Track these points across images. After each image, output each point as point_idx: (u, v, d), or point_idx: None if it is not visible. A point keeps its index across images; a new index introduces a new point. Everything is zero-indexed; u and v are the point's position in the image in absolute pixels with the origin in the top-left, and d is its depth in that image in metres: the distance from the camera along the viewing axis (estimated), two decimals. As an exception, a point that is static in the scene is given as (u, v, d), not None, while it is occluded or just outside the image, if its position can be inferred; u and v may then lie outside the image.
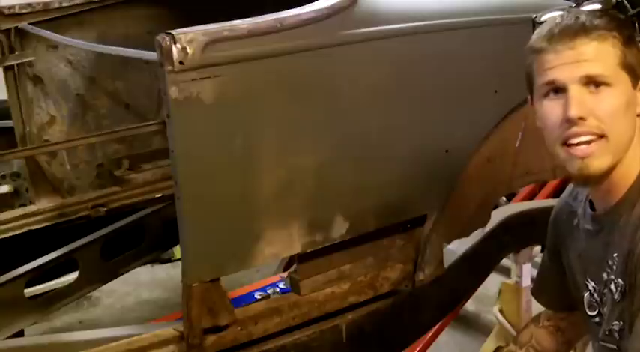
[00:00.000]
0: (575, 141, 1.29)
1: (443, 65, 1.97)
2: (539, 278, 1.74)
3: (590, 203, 1.44)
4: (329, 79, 1.78)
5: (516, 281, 2.69)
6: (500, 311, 2.74)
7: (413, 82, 1.93)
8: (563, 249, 1.55)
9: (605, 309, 1.40)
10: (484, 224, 2.26)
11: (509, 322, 2.70)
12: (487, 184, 2.17)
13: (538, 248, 2.69)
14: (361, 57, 1.82)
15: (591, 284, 1.44)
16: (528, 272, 2.68)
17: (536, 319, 1.72)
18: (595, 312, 1.44)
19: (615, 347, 1.36)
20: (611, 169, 1.32)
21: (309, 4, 1.75)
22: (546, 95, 1.33)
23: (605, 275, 1.38)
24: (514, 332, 2.67)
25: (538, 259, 2.92)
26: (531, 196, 3.43)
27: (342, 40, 1.77)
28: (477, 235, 2.28)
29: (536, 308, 2.75)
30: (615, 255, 1.35)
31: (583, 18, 1.30)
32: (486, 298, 3.11)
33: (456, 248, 2.27)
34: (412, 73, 1.93)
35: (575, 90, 1.29)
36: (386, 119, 1.89)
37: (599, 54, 1.28)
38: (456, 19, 1.99)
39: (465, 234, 2.22)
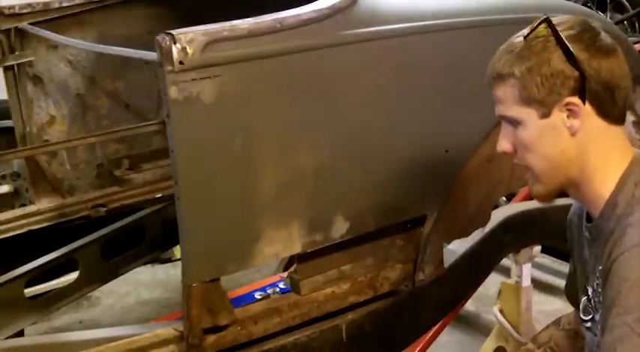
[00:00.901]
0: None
1: (443, 65, 1.97)
2: (568, 277, 1.73)
3: (587, 213, 1.46)
4: (329, 79, 1.78)
5: (516, 281, 2.69)
6: (501, 311, 2.73)
7: (413, 82, 1.93)
8: (574, 250, 1.56)
9: (597, 317, 1.40)
10: (484, 224, 2.26)
11: (509, 322, 2.70)
12: (487, 184, 2.17)
13: (538, 248, 2.69)
14: (361, 57, 1.82)
15: (590, 290, 1.44)
16: (528, 272, 2.68)
17: (557, 321, 1.73)
18: (589, 317, 1.45)
19: None
20: (551, 195, 1.41)
21: (309, 4, 1.75)
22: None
23: (595, 285, 1.40)
24: (514, 332, 2.68)
25: (538, 259, 2.92)
26: (531, 196, 3.43)
27: (342, 40, 1.77)
28: (477, 235, 2.28)
29: (536, 308, 2.77)
30: (600, 268, 1.36)
31: (500, 54, 1.38)
32: (486, 298, 3.11)
33: (456, 248, 2.27)
34: (412, 73, 1.93)
35: (502, 127, 1.41)
36: (386, 119, 1.89)
37: (502, 96, 1.37)
38: (456, 19, 1.99)
39: (465, 234, 2.22)
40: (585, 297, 1.47)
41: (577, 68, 1.30)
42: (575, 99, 1.32)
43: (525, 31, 1.36)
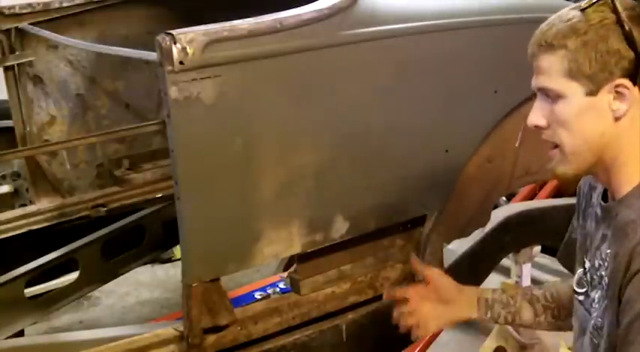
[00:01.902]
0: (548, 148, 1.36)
1: (443, 65, 1.97)
2: (564, 244, 1.71)
3: (605, 191, 1.44)
4: (329, 79, 1.78)
5: (516, 281, 2.70)
6: (501, 311, 2.73)
7: (413, 82, 1.93)
8: (578, 219, 1.56)
9: (593, 293, 1.41)
10: (484, 224, 2.26)
11: (509, 322, 2.70)
12: (487, 184, 2.17)
13: (538, 248, 2.70)
14: (361, 57, 1.82)
15: (587, 264, 1.44)
16: (528, 272, 2.69)
17: (565, 279, 1.71)
18: (582, 290, 1.45)
19: (597, 342, 1.36)
20: (578, 176, 1.37)
21: (309, 4, 1.75)
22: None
23: (597, 263, 1.39)
24: (514, 332, 2.68)
25: (538, 259, 2.93)
26: (531, 196, 3.43)
27: (342, 40, 1.77)
28: (476, 235, 2.29)
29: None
30: (608, 251, 1.35)
31: (548, 26, 1.33)
32: (486, 298, 3.10)
33: (456, 248, 2.27)
34: (412, 73, 1.93)
35: (538, 100, 1.36)
36: (386, 119, 1.89)
37: (548, 66, 1.32)
38: (456, 19, 1.99)
39: (465, 234, 2.22)
40: (582, 269, 1.46)
41: (634, 49, 1.27)
42: (627, 82, 1.29)
43: (583, 3, 1.31)
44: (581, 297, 1.46)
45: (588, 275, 1.44)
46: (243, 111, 1.64)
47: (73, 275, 2.70)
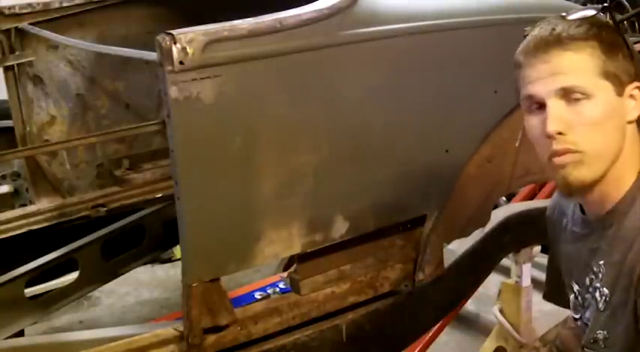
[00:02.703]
0: (557, 155, 1.29)
1: (443, 65, 1.97)
2: (549, 278, 1.70)
3: (581, 206, 1.42)
4: (329, 79, 1.78)
5: (516, 281, 2.69)
6: (501, 311, 2.73)
7: (413, 82, 1.93)
8: (556, 247, 1.55)
9: (587, 314, 1.40)
10: (484, 224, 2.26)
11: (509, 322, 2.70)
12: (487, 184, 2.17)
13: (538, 248, 2.69)
14: (361, 57, 1.82)
15: (575, 287, 1.44)
16: (528, 272, 2.68)
17: (564, 321, 1.71)
18: (578, 315, 1.45)
19: None
20: (596, 181, 1.30)
21: (309, 4, 1.75)
22: (529, 110, 1.32)
23: (588, 281, 1.38)
24: (514, 332, 2.68)
25: (538, 259, 2.92)
26: (531, 196, 3.43)
27: (342, 40, 1.77)
28: (476, 235, 2.28)
29: (536, 308, 2.77)
30: (602, 262, 1.34)
31: (559, 28, 1.28)
32: (486, 298, 3.11)
33: (456, 248, 2.27)
34: (412, 72, 1.93)
35: (553, 105, 1.27)
36: (386, 119, 1.89)
37: (574, 65, 1.26)
38: (456, 19, 1.99)
39: (465, 234, 2.22)
40: (573, 295, 1.46)
41: (632, 56, 1.29)
42: None
43: (571, 16, 1.30)
44: (579, 322, 1.45)
45: (579, 298, 1.43)
46: (243, 111, 1.64)
47: (73, 275, 2.70)
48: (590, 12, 1.30)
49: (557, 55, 1.26)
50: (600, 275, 1.34)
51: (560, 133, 1.26)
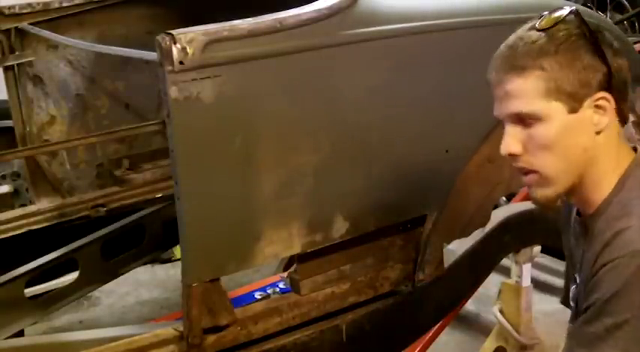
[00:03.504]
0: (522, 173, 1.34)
1: (443, 65, 1.97)
2: (564, 284, 1.72)
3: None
4: (329, 79, 1.78)
5: (516, 281, 2.69)
6: (501, 311, 2.74)
7: (413, 82, 1.93)
8: (564, 238, 1.56)
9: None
10: (484, 224, 2.26)
11: (509, 322, 2.70)
12: (487, 184, 2.17)
13: (538, 248, 2.69)
14: (361, 57, 1.82)
15: (579, 279, 1.45)
16: (528, 273, 2.69)
17: None
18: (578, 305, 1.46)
19: None
20: (567, 193, 1.34)
21: (309, 4, 1.75)
22: (501, 126, 1.36)
23: (585, 278, 1.39)
24: (514, 332, 2.68)
25: (538, 259, 2.92)
26: (535, 202, 3.43)
27: (342, 40, 1.77)
28: (477, 235, 2.28)
29: (536, 308, 2.77)
30: (586, 266, 1.36)
31: (515, 46, 1.30)
32: (486, 298, 3.11)
33: (456, 248, 2.27)
34: (412, 72, 1.93)
35: (509, 127, 1.32)
36: (386, 119, 1.89)
37: (522, 90, 1.28)
38: (456, 19, 1.99)
39: (465, 234, 2.22)
40: (574, 286, 1.47)
41: (605, 63, 1.27)
42: (607, 94, 1.29)
43: (537, 23, 1.30)
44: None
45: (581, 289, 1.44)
46: (243, 111, 1.64)
47: (73, 275, 2.70)
48: (556, 14, 1.29)
49: (509, 80, 1.29)
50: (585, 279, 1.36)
51: (512, 155, 1.32)
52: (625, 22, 4.90)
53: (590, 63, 1.27)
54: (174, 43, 1.51)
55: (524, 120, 1.30)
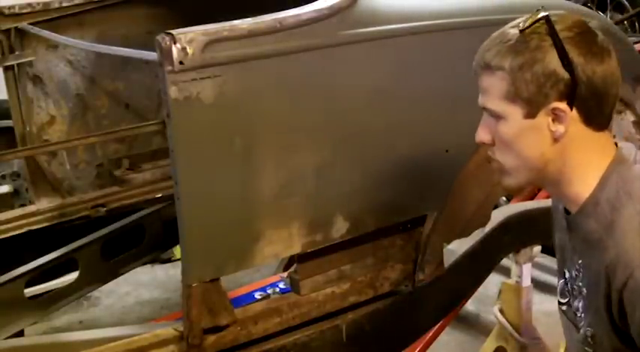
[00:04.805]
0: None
1: (443, 65, 1.97)
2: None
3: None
4: (329, 79, 1.78)
5: (516, 281, 2.69)
6: (501, 311, 2.73)
7: (413, 81, 1.93)
8: (555, 233, 1.57)
9: (576, 303, 1.42)
10: (484, 224, 2.26)
11: (509, 322, 2.70)
12: (487, 184, 2.16)
13: (538, 248, 2.69)
14: (361, 57, 1.82)
15: (567, 274, 1.46)
16: (528, 272, 2.68)
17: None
18: (565, 300, 1.47)
19: (592, 351, 1.37)
20: (524, 188, 1.43)
21: (309, 4, 1.75)
22: None
23: (574, 273, 1.41)
24: (514, 332, 2.68)
25: (538, 259, 2.92)
26: (531, 196, 3.43)
27: (342, 40, 1.77)
28: (477, 235, 2.28)
29: (536, 308, 2.76)
30: (580, 261, 1.37)
31: (491, 44, 1.34)
32: (486, 298, 3.11)
33: (456, 248, 2.27)
34: (412, 72, 1.93)
35: (484, 117, 1.39)
36: (386, 119, 1.89)
37: (488, 87, 1.34)
38: (456, 19, 1.99)
39: (465, 234, 2.22)
40: (563, 280, 1.48)
41: (570, 72, 1.27)
42: (563, 105, 1.28)
43: (521, 23, 1.31)
44: (564, 307, 1.47)
45: (569, 284, 1.45)
46: (243, 111, 1.64)
47: (73, 275, 2.70)
48: (537, 17, 1.29)
49: (480, 74, 1.36)
50: (580, 275, 1.37)
51: (483, 143, 1.40)
52: (625, 22, 4.90)
53: (552, 70, 1.27)
54: (174, 43, 1.51)
55: (492, 114, 1.36)
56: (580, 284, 1.38)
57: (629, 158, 1.37)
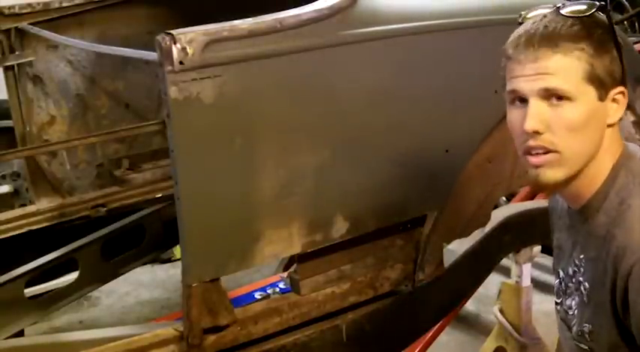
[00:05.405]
0: (532, 152, 1.30)
1: (443, 65, 1.97)
2: None
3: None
4: (329, 79, 1.78)
5: (516, 281, 2.69)
6: (501, 311, 2.73)
7: (413, 82, 1.93)
8: (553, 234, 1.57)
9: (568, 301, 1.42)
10: (484, 224, 2.26)
11: (509, 322, 2.70)
12: (487, 184, 2.17)
13: (538, 248, 2.69)
14: (361, 57, 1.82)
15: (561, 274, 1.46)
16: (528, 272, 2.68)
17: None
18: (559, 300, 1.47)
19: (588, 348, 1.37)
20: (569, 179, 1.32)
21: (309, 4, 1.75)
22: (512, 102, 1.34)
23: (571, 271, 1.41)
24: (514, 332, 2.68)
25: (538, 259, 2.92)
26: (531, 196, 3.43)
27: (342, 40, 1.77)
28: (476, 235, 2.28)
29: (536, 308, 2.76)
30: (582, 256, 1.36)
31: (553, 26, 1.28)
32: (486, 298, 3.11)
33: (456, 248, 2.27)
34: (412, 73, 1.93)
35: (535, 104, 1.28)
36: (386, 119, 1.89)
37: (561, 67, 1.27)
38: (456, 19, 1.99)
39: (465, 234, 2.22)
40: (557, 280, 1.48)
41: (621, 59, 1.28)
42: (625, 90, 1.30)
43: (566, 10, 1.29)
44: (558, 307, 1.48)
45: (563, 284, 1.45)
46: (243, 111, 1.64)
47: (73, 275, 2.70)
48: (582, 7, 1.29)
49: (546, 56, 1.27)
50: (582, 270, 1.37)
51: (536, 132, 1.28)
52: (625, 22, 4.90)
53: (614, 56, 1.28)
54: (175, 43, 1.51)
55: (552, 97, 1.27)
56: (581, 279, 1.37)
57: (636, 154, 1.37)
